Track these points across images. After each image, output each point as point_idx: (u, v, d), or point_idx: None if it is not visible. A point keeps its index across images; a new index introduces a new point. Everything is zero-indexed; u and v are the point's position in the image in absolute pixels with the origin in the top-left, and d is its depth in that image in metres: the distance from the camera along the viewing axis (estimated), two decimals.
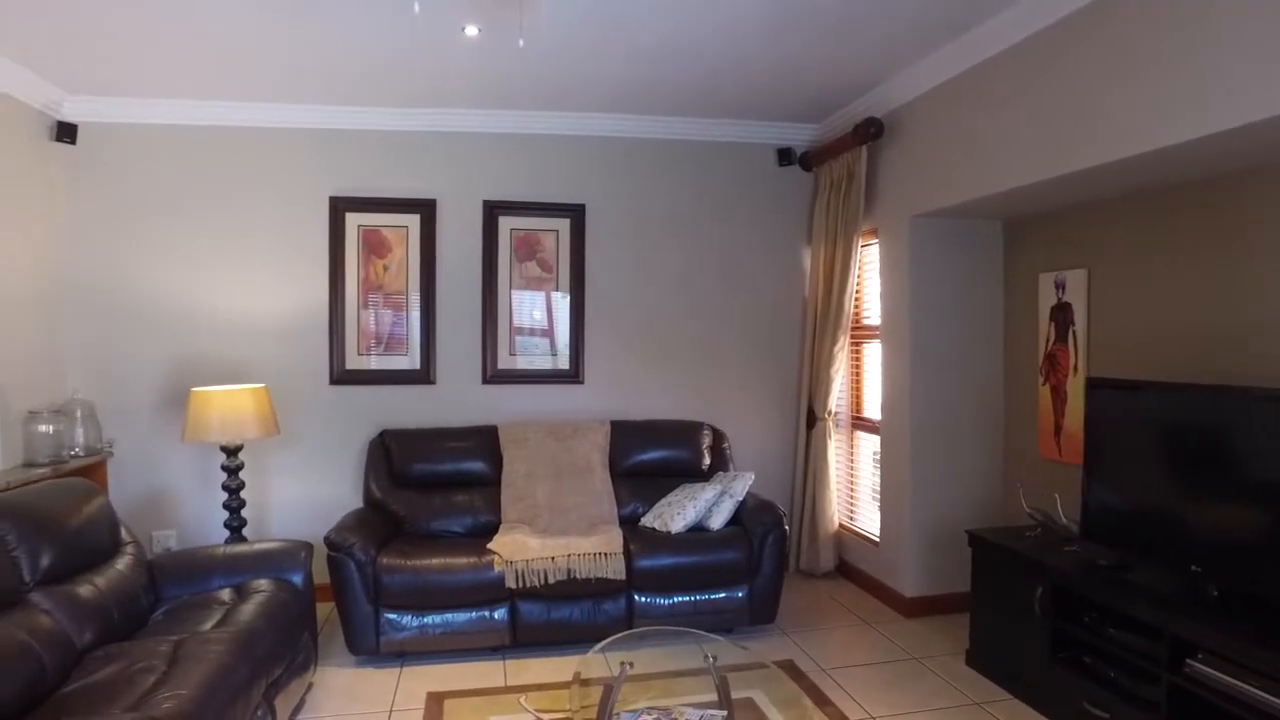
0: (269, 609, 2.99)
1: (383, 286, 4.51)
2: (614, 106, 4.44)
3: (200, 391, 3.75)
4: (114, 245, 4.27)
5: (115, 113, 4.20)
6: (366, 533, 3.66)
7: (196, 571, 3.25)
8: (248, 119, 4.32)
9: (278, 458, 4.41)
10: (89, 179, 4.25)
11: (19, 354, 3.80)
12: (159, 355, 4.31)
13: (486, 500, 4.18)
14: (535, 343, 4.67)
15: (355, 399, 4.48)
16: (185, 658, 2.49)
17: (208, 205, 4.34)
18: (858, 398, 4.84)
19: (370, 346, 4.50)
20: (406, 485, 4.20)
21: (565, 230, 4.68)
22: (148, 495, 4.31)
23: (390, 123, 4.45)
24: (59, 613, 2.62)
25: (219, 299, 4.36)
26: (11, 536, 2.63)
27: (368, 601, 3.53)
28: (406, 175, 4.51)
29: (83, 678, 2.46)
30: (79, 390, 4.16)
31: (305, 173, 4.42)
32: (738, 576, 3.81)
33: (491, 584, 3.58)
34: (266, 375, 4.36)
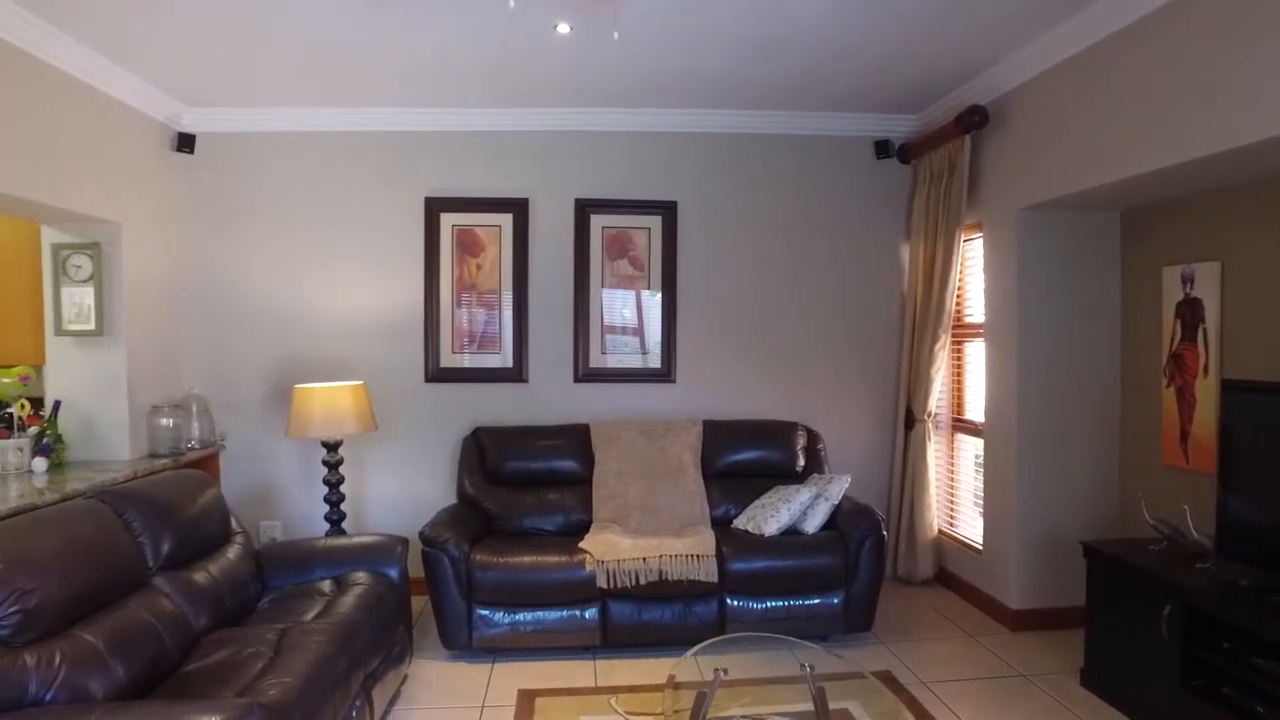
0: (367, 602, 3.05)
1: (476, 285, 4.58)
2: (706, 102, 4.38)
3: (302, 388, 3.88)
4: (226, 249, 4.48)
5: (227, 122, 4.40)
6: (460, 529, 3.71)
7: (299, 562, 3.36)
8: (348, 124, 4.45)
9: (375, 453, 4.53)
10: (204, 187, 4.46)
11: (147, 353, 4.02)
12: (266, 353, 4.49)
13: (578, 499, 4.18)
14: (626, 341, 4.65)
15: (449, 397, 4.56)
16: (290, 646, 2.57)
17: (311, 209, 4.50)
18: (959, 399, 4.64)
19: (464, 345, 4.58)
20: (499, 482, 4.24)
21: (657, 228, 4.64)
22: (256, 487, 4.49)
23: (483, 123, 4.51)
24: (178, 597, 2.75)
25: (321, 299, 4.51)
26: (138, 523, 2.77)
27: (461, 597, 3.58)
28: (499, 175, 4.57)
29: (199, 659, 2.57)
30: (195, 386, 4.38)
31: (402, 174, 4.52)
32: (833, 582, 3.69)
33: (583, 583, 3.57)
34: (365, 373, 4.49)
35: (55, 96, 3.41)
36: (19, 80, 3.20)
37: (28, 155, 3.24)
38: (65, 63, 3.42)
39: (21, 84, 3.21)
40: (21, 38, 3.17)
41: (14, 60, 3.17)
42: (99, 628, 2.35)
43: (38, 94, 3.30)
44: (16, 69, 3.19)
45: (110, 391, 3.83)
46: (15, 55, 3.18)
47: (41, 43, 3.26)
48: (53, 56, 3.35)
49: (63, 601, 2.28)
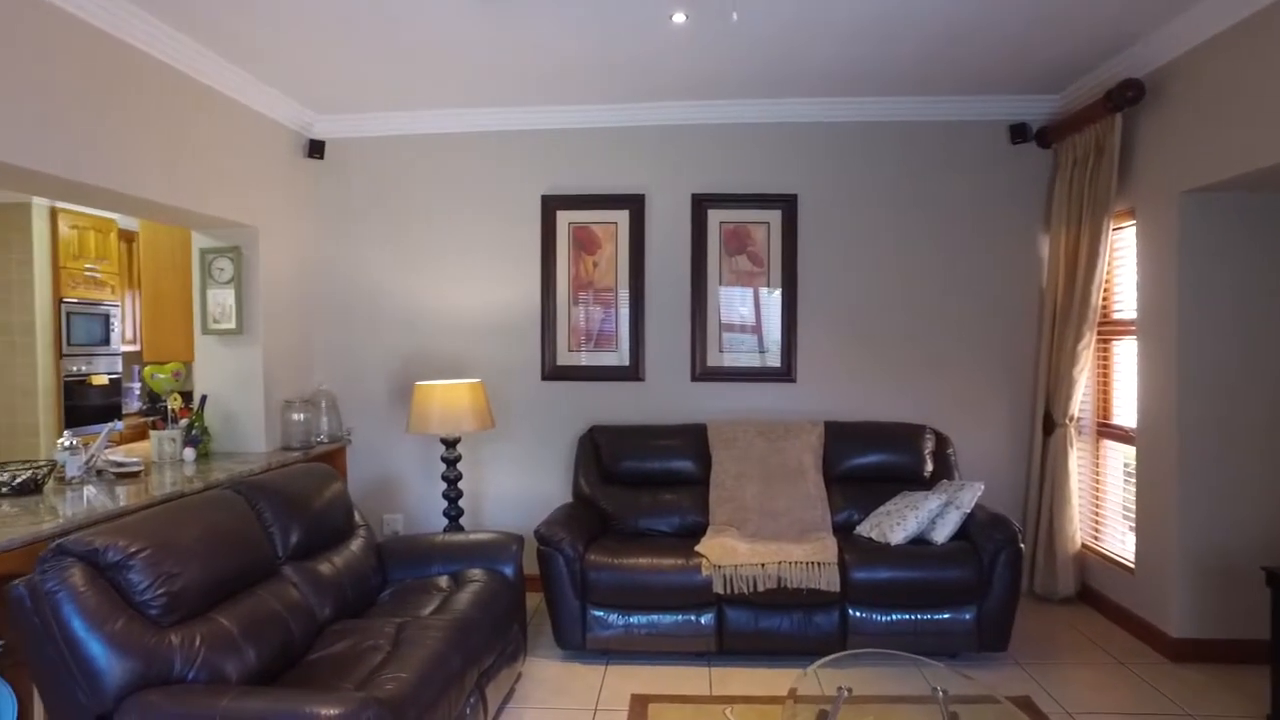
0: (482, 599, 3.07)
1: (592, 283, 4.57)
2: (827, 90, 4.20)
3: (422, 385, 3.96)
4: (352, 250, 4.65)
5: (354, 128, 4.57)
6: (575, 528, 3.70)
7: (418, 557, 3.42)
8: (466, 125, 4.53)
9: (493, 450, 4.59)
10: (332, 190, 4.65)
11: (281, 350, 4.22)
12: (390, 351, 4.64)
13: (694, 500, 4.09)
14: (744, 339, 4.52)
15: (566, 395, 4.57)
16: (407, 641, 2.60)
17: (431, 209, 4.61)
18: (1105, 402, 4.26)
19: (580, 343, 4.57)
20: (615, 482, 4.21)
21: (776, 222, 4.49)
22: (380, 480, 4.65)
23: (599, 119, 4.49)
24: (305, 586, 2.84)
25: (442, 297, 4.61)
26: (269, 514, 2.88)
27: (575, 597, 3.56)
28: (615, 171, 4.54)
29: (322, 648, 2.64)
30: (324, 383, 4.57)
31: (519, 173, 4.57)
32: (965, 596, 3.45)
33: (698, 588, 3.48)
34: (483, 370, 4.56)
35: (201, 109, 3.61)
36: (170, 95, 3.41)
37: (179, 166, 3.44)
38: (209, 77, 3.62)
39: (172, 99, 3.42)
40: (173, 55, 3.37)
41: (165, 77, 3.38)
42: (234, 613, 2.45)
43: (186, 108, 3.51)
44: (167, 85, 3.39)
45: (248, 387, 4.04)
46: (167, 72, 3.38)
47: (189, 59, 3.46)
48: (199, 72, 3.55)
49: (203, 586, 2.38)
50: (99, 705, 2.06)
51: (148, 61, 3.29)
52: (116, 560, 2.18)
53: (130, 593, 2.20)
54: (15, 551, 2.38)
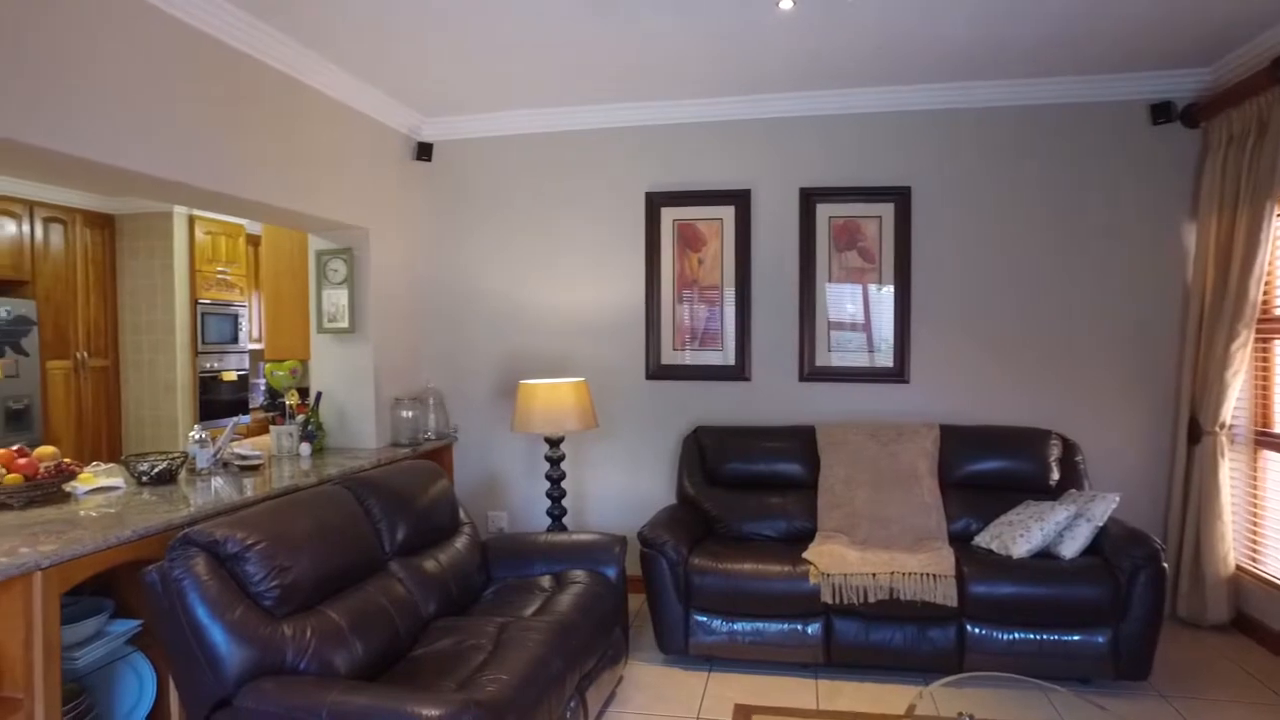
0: (584, 601, 3.04)
1: (697, 281, 4.48)
2: (943, 75, 3.97)
3: (526, 384, 3.98)
4: (458, 250, 4.73)
5: (460, 129, 4.65)
6: (679, 531, 3.63)
7: (521, 556, 3.43)
8: (570, 123, 4.53)
9: (596, 449, 4.58)
10: (439, 192, 4.74)
11: (390, 348, 4.33)
12: (495, 349, 4.69)
13: (801, 505, 3.95)
14: (853, 338, 4.34)
15: (670, 394, 4.51)
16: (508, 642, 2.59)
17: (536, 208, 4.63)
18: (1265, 408, 3.85)
19: (685, 342, 4.50)
20: (719, 484, 4.12)
21: (889, 216, 4.29)
22: (485, 477, 4.71)
23: (703, 114, 4.40)
24: (410, 583, 2.88)
25: (546, 296, 4.63)
26: (377, 510, 2.94)
27: (678, 601, 3.49)
28: (720, 166, 4.44)
29: (425, 645, 2.67)
30: (432, 380, 4.67)
31: (623, 170, 4.53)
32: (1097, 617, 3.18)
33: (806, 596, 3.35)
34: (587, 369, 4.55)
35: (316, 116, 3.74)
36: (288, 104, 3.54)
37: (296, 171, 3.58)
38: (324, 84, 3.75)
39: (290, 107, 3.55)
40: (291, 65, 3.50)
41: (283, 86, 3.51)
42: (342, 607, 2.50)
43: (302, 115, 3.64)
44: (285, 94, 3.53)
45: (360, 384, 4.16)
46: (285, 81, 3.52)
47: (306, 68, 3.58)
48: (314, 79, 3.68)
49: (313, 579, 2.44)
50: (220, 689, 2.14)
51: (268, 72, 3.42)
52: (235, 552, 2.26)
53: (247, 583, 2.27)
54: (153, 538, 2.51)
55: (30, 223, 5.80)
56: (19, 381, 5.52)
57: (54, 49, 2.48)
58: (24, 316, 5.56)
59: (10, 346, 5.46)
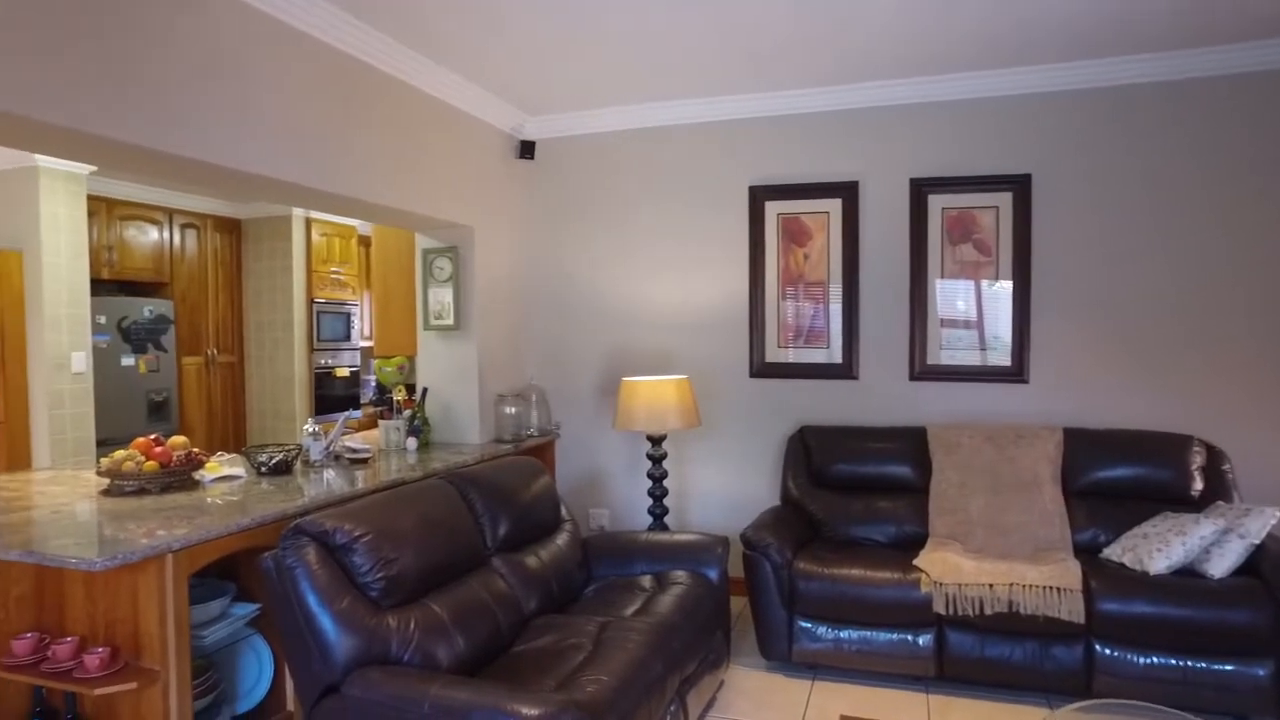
0: (685, 603, 2.98)
1: (803, 276, 4.35)
2: (1068, 53, 3.70)
3: (629, 381, 3.95)
4: (560, 247, 4.75)
5: (562, 127, 4.66)
6: (783, 533, 3.52)
7: (622, 555, 3.40)
8: (672, 117, 4.48)
9: (698, 448, 4.51)
10: (541, 189, 4.78)
11: (494, 345, 4.39)
12: (597, 346, 4.69)
13: (911, 509, 3.78)
14: (968, 335, 4.12)
15: (774, 393, 4.39)
16: (607, 642, 2.56)
17: (637, 204, 4.60)
18: None
19: (790, 339, 4.38)
20: (825, 486, 3.98)
21: (1006, 205, 4.04)
22: (586, 474, 4.71)
23: (807, 104, 4.26)
24: (512, 578, 2.89)
25: (648, 292, 4.59)
26: (480, 505, 2.97)
27: (782, 606, 3.38)
28: (826, 158, 4.29)
29: (526, 641, 2.67)
30: (534, 377, 4.71)
31: (725, 164, 4.45)
32: (1255, 646, 2.88)
33: (917, 605, 3.18)
34: (689, 367, 4.49)
35: (423, 117, 3.82)
36: (395, 105, 3.63)
37: (403, 171, 3.66)
38: (430, 85, 3.82)
39: (397, 108, 3.64)
40: (398, 67, 3.58)
41: (390, 88, 3.60)
42: (445, 601, 2.53)
43: (410, 116, 3.73)
44: (393, 95, 3.62)
45: (464, 380, 4.23)
46: (392, 83, 3.60)
47: (413, 69, 3.66)
48: (421, 81, 3.76)
49: (417, 572, 2.48)
50: (330, 675, 2.19)
51: (378, 76, 3.51)
52: (344, 542, 2.31)
53: (355, 574, 2.32)
54: (269, 525, 2.61)
55: (169, 229, 6.20)
56: (158, 376, 5.91)
57: (189, 65, 2.61)
58: (163, 316, 5.94)
59: (152, 343, 5.85)
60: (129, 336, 5.69)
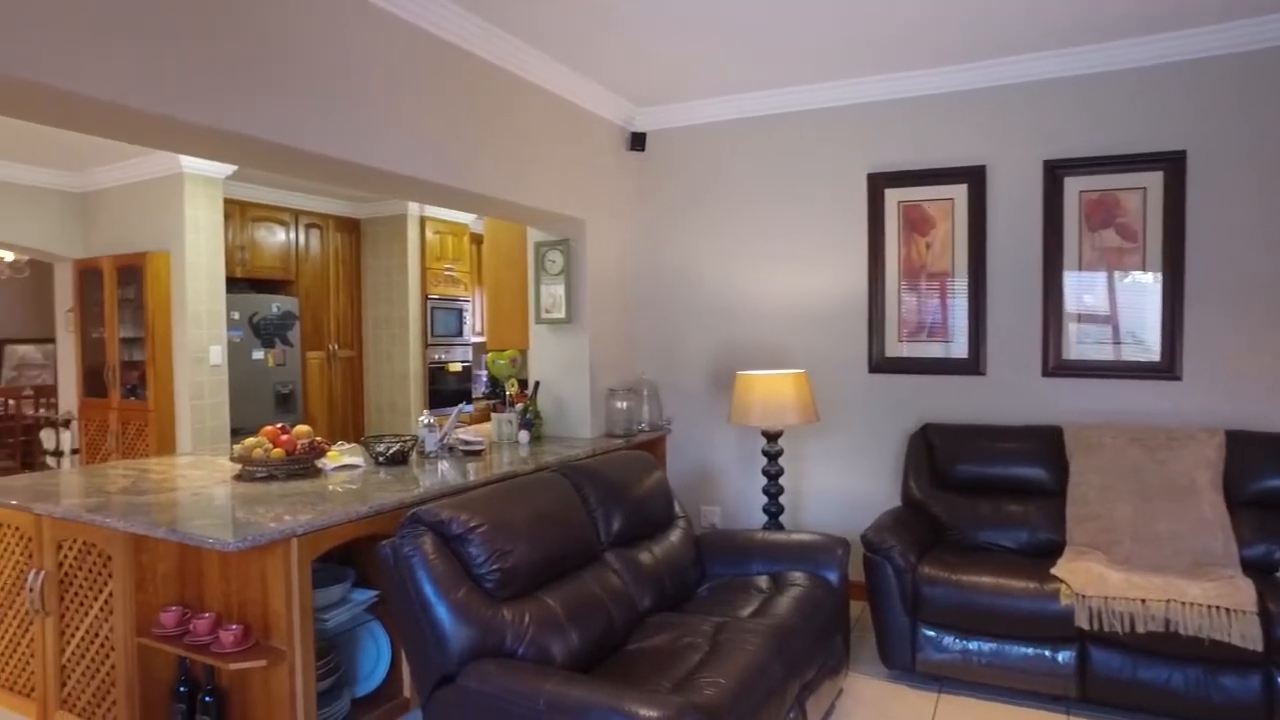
0: (804, 606, 2.85)
1: (925, 267, 4.13)
2: (1224, 11, 3.34)
3: (745, 375, 3.84)
4: (670, 240, 4.68)
5: (672, 118, 4.59)
6: (906, 536, 3.34)
7: (737, 554, 3.30)
8: (785, 104, 4.33)
9: (813, 445, 4.35)
10: (651, 181, 4.72)
11: (605, 339, 4.35)
12: (709, 340, 4.59)
13: (1045, 514, 3.51)
14: (1109, 329, 3.80)
15: (894, 388, 4.19)
16: (725, 644, 2.46)
17: (750, 195, 4.48)
18: None
19: (911, 333, 4.16)
20: (949, 487, 3.76)
21: (1155, 186, 3.71)
22: (697, 470, 4.62)
23: (930, 85, 4.03)
24: (625, 574, 2.84)
25: (761, 285, 4.46)
26: (594, 499, 2.93)
27: (905, 613, 3.20)
28: (950, 141, 4.05)
29: (640, 639, 2.60)
30: (645, 371, 4.66)
31: (842, 151, 4.27)
32: None
33: (1055, 618, 2.94)
34: (805, 361, 4.34)
35: (534, 110, 3.82)
36: (508, 98, 3.63)
37: (517, 164, 3.67)
38: (541, 78, 3.81)
39: (510, 102, 3.65)
40: (511, 60, 3.59)
41: (505, 82, 3.61)
42: (559, 595, 2.49)
43: (522, 109, 3.73)
44: (506, 89, 3.63)
45: (576, 374, 4.22)
46: (506, 77, 3.61)
47: (523, 62, 3.66)
48: (531, 73, 3.75)
49: (532, 565, 2.45)
50: (445, 665, 2.18)
51: (491, 69, 3.53)
52: (459, 533, 2.30)
53: (470, 565, 2.31)
54: (387, 514, 2.64)
55: (295, 229, 6.49)
56: (285, 369, 6.19)
57: (319, 66, 2.67)
58: (289, 312, 6.22)
59: (279, 338, 6.14)
60: (259, 331, 5.98)
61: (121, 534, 2.54)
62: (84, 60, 2.05)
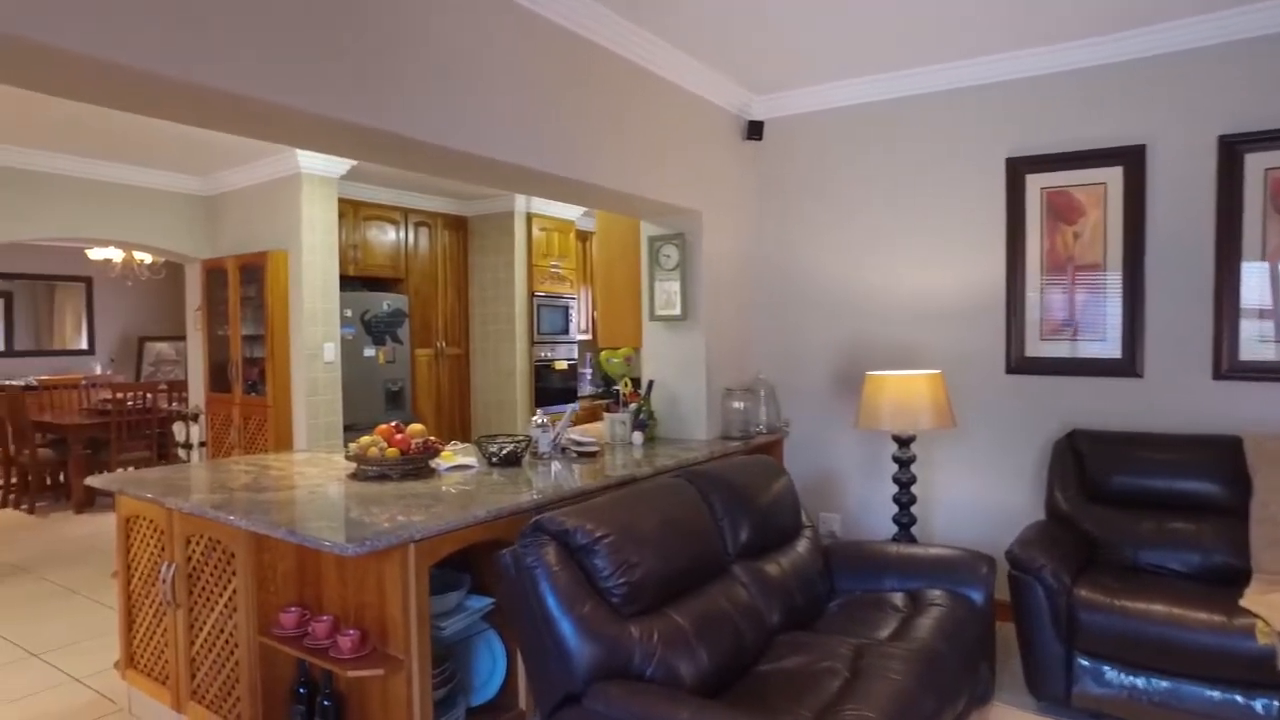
0: (948, 628, 2.60)
1: (1072, 258, 3.77)
2: None
3: (875, 376, 3.58)
4: (789, 233, 4.44)
5: (791, 105, 4.36)
6: (1056, 554, 3.02)
7: (869, 567, 3.06)
8: (912, 87, 4.04)
9: (942, 451, 4.05)
10: (768, 171, 4.49)
11: (721, 337, 4.16)
12: (829, 338, 4.34)
13: (1221, 535, 3.12)
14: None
15: (1035, 391, 3.84)
16: (867, 670, 2.24)
17: (874, 184, 4.20)
18: None
19: (1056, 330, 3.81)
20: (1102, 500, 3.41)
21: None
22: (815, 476, 4.38)
23: (1078, 58, 3.67)
24: (753, 588, 2.65)
25: (886, 280, 4.19)
26: (720, 507, 2.75)
27: (1058, 640, 2.89)
28: (1102, 120, 3.68)
29: (772, 660, 2.42)
30: (762, 371, 4.44)
31: (976, 134, 3.94)
32: None
33: (1249, 659, 2.58)
34: (935, 360, 4.04)
35: (649, 98, 3.67)
36: (620, 85, 3.49)
37: (630, 154, 3.52)
38: (656, 64, 3.65)
39: (622, 88, 3.50)
40: (623, 45, 3.44)
41: (615, 66, 3.47)
42: (686, 610, 2.33)
43: (636, 97, 3.58)
44: (617, 75, 3.48)
45: (691, 373, 4.05)
46: (617, 62, 3.46)
47: (643, 49, 3.52)
48: (651, 61, 3.60)
49: (659, 579, 2.30)
50: (569, 684, 2.05)
51: (605, 55, 3.39)
52: (585, 543, 2.17)
53: (595, 578, 2.17)
54: (505, 519, 2.54)
55: (405, 228, 6.56)
56: (395, 367, 6.27)
57: (432, 53, 2.59)
58: (399, 310, 6.29)
59: (390, 336, 6.22)
60: (370, 329, 6.07)
61: (244, 532, 2.52)
62: (203, 51, 2.01)
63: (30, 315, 9.06)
